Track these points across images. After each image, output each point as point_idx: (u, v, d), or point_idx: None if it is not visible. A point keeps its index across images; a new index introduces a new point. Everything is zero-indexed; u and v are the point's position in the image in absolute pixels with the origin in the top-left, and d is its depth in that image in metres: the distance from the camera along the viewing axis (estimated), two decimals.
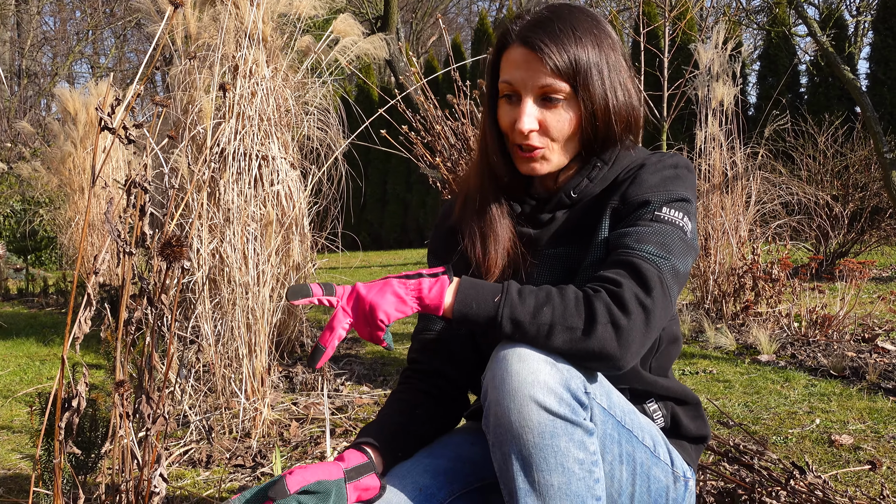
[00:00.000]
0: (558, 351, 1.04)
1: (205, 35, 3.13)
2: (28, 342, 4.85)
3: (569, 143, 1.22)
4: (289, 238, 3.30)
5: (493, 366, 1.05)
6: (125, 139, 1.27)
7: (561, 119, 1.20)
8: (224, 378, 2.65)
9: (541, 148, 1.21)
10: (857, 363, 3.06)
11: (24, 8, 18.86)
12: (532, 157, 1.22)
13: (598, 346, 1.04)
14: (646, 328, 1.06)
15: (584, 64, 1.17)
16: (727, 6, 7.95)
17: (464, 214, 1.32)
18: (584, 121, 1.20)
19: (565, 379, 1.02)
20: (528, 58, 1.18)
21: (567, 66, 1.17)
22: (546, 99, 1.19)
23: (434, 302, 1.09)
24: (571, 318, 1.04)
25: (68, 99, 6.76)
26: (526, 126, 1.19)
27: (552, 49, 1.17)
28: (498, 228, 1.27)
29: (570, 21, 1.19)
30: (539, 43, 1.17)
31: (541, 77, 1.17)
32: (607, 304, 1.05)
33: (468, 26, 23.97)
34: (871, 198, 6.07)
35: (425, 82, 3.05)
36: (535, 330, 1.04)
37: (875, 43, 9.57)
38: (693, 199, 1.20)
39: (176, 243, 1.21)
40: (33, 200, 9.45)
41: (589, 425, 1.04)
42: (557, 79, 1.17)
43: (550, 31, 1.18)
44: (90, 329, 1.23)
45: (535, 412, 1.00)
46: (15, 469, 2.36)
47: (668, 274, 1.10)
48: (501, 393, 1.02)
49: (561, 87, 1.18)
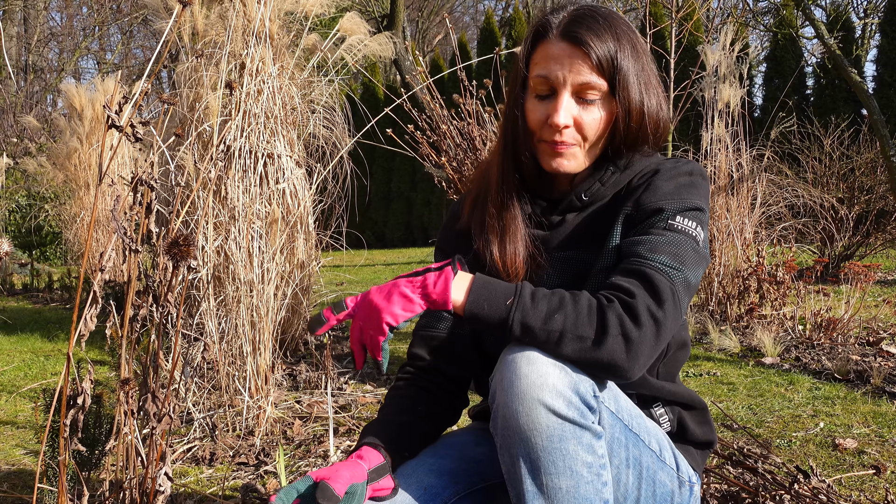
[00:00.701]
0: (567, 359, 1.04)
1: (212, 32, 3.14)
2: (32, 337, 4.86)
3: (597, 144, 1.22)
4: (293, 236, 3.31)
5: (501, 368, 1.04)
6: (132, 137, 1.27)
7: (595, 118, 1.19)
8: (228, 375, 2.65)
9: (572, 145, 1.21)
10: (862, 367, 3.06)
11: (30, 3, 18.90)
12: (561, 153, 1.21)
13: (607, 357, 1.03)
14: (656, 340, 1.06)
15: (623, 65, 1.18)
16: (734, 7, 7.94)
17: (476, 214, 1.31)
18: (619, 120, 1.19)
19: (574, 382, 1.02)
20: (570, 52, 1.18)
21: (608, 62, 1.17)
22: (583, 95, 1.19)
23: (440, 296, 1.07)
24: (583, 328, 1.04)
25: (74, 95, 6.78)
26: (562, 120, 1.18)
27: (596, 45, 1.16)
28: (517, 224, 1.26)
29: (610, 21, 1.20)
30: (584, 37, 1.17)
31: (582, 72, 1.17)
32: (620, 315, 1.05)
33: (474, 25, 23.97)
34: (877, 200, 6.06)
35: (431, 81, 3.05)
36: (545, 336, 1.04)
37: (882, 45, 9.54)
38: (706, 209, 1.20)
39: (183, 242, 1.21)
40: (39, 196, 9.47)
41: (597, 429, 1.04)
42: (598, 75, 1.17)
43: (594, 27, 1.18)
44: (96, 326, 1.23)
45: (543, 415, 1.00)
46: (19, 465, 2.36)
47: (681, 286, 1.10)
48: (510, 395, 1.01)
49: (600, 85, 1.18)
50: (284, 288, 3.06)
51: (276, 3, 3.10)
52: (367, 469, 1.12)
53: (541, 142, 1.23)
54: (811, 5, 4.96)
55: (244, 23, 3.02)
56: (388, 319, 1.07)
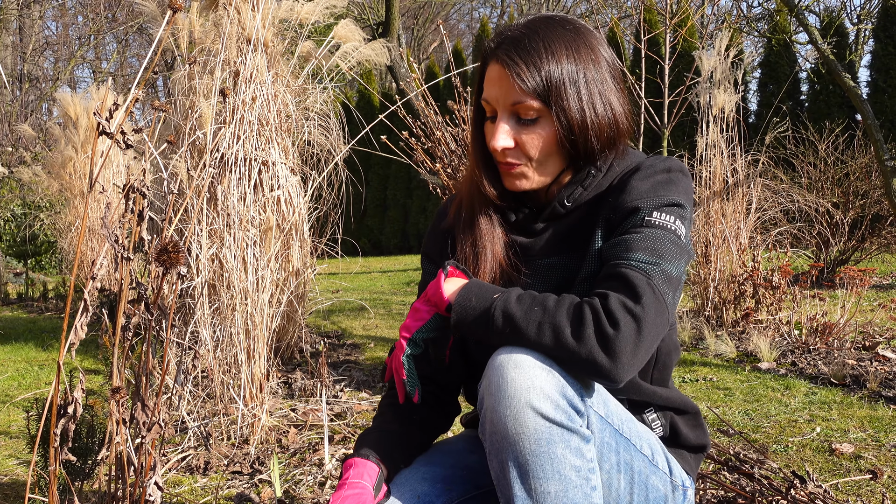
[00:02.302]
0: (547, 352, 1.04)
1: (207, 40, 3.13)
2: (27, 347, 4.84)
3: (549, 160, 1.21)
4: (288, 244, 3.30)
5: (489, 373, 1.04)
6: (123, 144, 1.27)
7: (535, 137, 1.19)
8: (223, 384, 2.64)
9: (518, 164, 1.21)
10: (858, 371, 3.05)
11: (26, 13, 18.91)
12: (512, 174, 1.22)
13: (585, 353, 1.02)
14: (637, 337, 1.03)
15: (556, 80, 1.16)
16: (728, 14, 7.96)
17: (457, 222, 1.33)
18: (562, 137, 1.18)
19: (561, 385, 1.02)
20: (501, 75, 1.18)
21: (538, 83, 1.16)
22: (520, 116, 1.18)
23: (434, 295, 1.15)
24: (560, 320, 1.04)
25: (69, 103, 6.77)
26: (500, 144, 1.19)
27: (522, 67, 1.16)
28: (487, 243, 1.27)
29: (544, 36, 1.18)
30: (509, 61, 1.17)
31: (512, 95, 1.17)
32: (596, 312, 1.04)
33: (469, 32, 24.03)
34: (872, 205, 6.07)
35: (426, 88, 3.05)
36: (525, 325, 1.05)
37: (876, 51, 9.58)
38: (688, 204, 1.19)
39: (172, 249, 1.20)
40: (34, 205, 9.44)
41: (585, 432, 1.03)
42: (528, 97, 1.16)
43: (522, 48, 1.17)
44: (90, 334, 1.23)
45: (531, 418, 0.99)
46: (12, 475, 2.35)
47: (659, 279, 1.08)
48: (497, 399, 1.01)
49: (532, 105, 1.17)
50: (279, 296, 3.05)
51: (270, 11, 3.10)
52: (372, 486, 1.16)
53: (499, 163, 1.24)
54: (805, 11, 4.97)
55: (238, 30, 3.02)
56: (403, 334, 1.15)
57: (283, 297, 3.07)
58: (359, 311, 5.89)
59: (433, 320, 1.16)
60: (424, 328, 1.15)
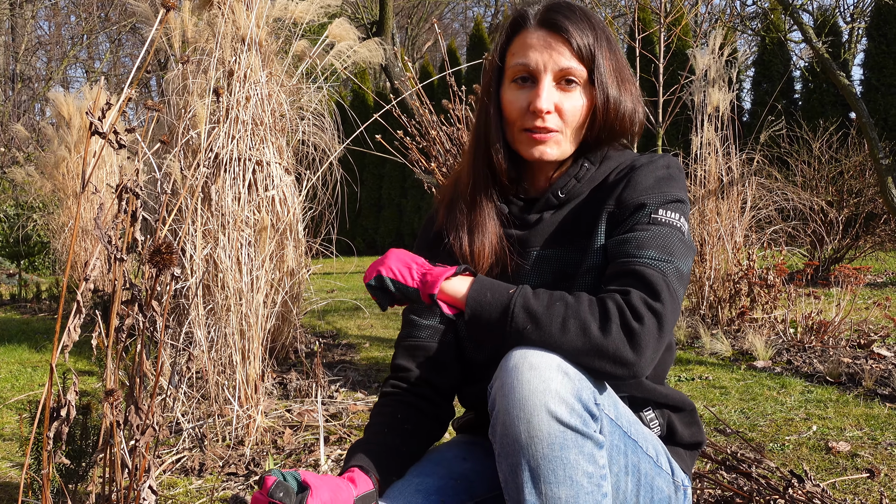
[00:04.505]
0: (573, 347, 1.02)
1: (201, 39, 3.12)
2: (20, 348, 4.82)
3: (577, 132, 1.23)
4: (283, 244, 3.28)
5: (501, 375, 1.01)
6: (116, 143, 1.25)
7: (576, 104, 1.20)
8: (217, 385, 2.62)
9: (555, 131, 1.21)
10: (854, 369, 3.06)
11: (18, 12, 18.82)
12: (543, 141, 1.21)
13: (612, 348, 1.02)
14: (659, 333, 1.04)
15: (600, 55, 1.20)
16: (722, 12, 7.97)
17: (451, 213, 1.31)
18: (599, 109, 1.21)
19: (577, 389, 1.00)
20: (549, 39, 1.20)
21: (588, 49, 1.19)
22: (564, 82, 1.20)
23: (434, 278, 1.10)
24: (585, 315, 1.03)
25: (62, 103, 6.74)
26: (545, 105, 1.18)
27: (575, 31, 1.19)
28: (486, 221, 1.26)
29: (587, 14, 1.22)
30: (563, 24, 1.19)
31: (562, 58, 1.19)
32: (620, 308, 1.04)
33: (464, 32, 24.02)
34: (866, 203, 6.08)
35: (420, 87, 3.04)
36: (548, 321, 1.03)
37: (869, 49, 9.61)
38: (686, 199, 1.21)
39: (166, 250, 1.19)
40: (27, 205, 9.40)
41: (599, 438, 1.01)
42: (578, 61, 1.19)
43: (572, 17, 1.20)
44: (83, 335, 1.21)
45: (545, 422, 0.97)
46: (5, 477, 2.33)
47: (673, 276, 1.10)
48: (511, 402, 0.98)
49: (580, 71, 1.19)
50: (274, 296, 3.04)
51: (264, 10, 3.09)
52: (355, 496, 1.10)
53: (522, 131, 1.22)
54: (799, 10, 4.97)
55: (233, 29, 3.00)
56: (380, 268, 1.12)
57: (277, 298, 3.06)
58: (354, 311, 5.88)
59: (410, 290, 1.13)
60: (398, 287, 1.13)
